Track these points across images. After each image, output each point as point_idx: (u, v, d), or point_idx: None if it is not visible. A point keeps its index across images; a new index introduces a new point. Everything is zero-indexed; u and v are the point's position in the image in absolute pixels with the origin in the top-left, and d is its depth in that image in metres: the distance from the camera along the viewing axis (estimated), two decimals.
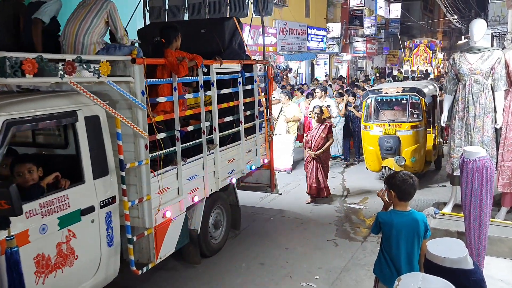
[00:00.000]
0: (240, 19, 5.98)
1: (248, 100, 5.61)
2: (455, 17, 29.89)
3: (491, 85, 5.20)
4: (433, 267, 2.03)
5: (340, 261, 5.19)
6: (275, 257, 5.33)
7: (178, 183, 4.39)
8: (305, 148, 7.53)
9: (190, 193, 4.59)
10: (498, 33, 19.67)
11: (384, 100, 8.41)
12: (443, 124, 5.88)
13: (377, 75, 24.47)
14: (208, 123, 4.81)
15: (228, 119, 5.24)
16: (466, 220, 4.21)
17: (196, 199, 4.69)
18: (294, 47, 20.02)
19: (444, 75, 18.80)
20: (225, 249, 5.52)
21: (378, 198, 3.43)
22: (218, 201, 5.33)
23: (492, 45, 17.12)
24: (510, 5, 11.56)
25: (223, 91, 5.13)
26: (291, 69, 20.34)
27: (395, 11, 32.21)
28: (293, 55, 20.10)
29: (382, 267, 3.25)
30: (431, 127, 8.41)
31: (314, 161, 7.14)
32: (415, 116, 8.09)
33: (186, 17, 6.77)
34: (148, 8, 6.80)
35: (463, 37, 30.69)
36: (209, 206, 5.06)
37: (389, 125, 7.84)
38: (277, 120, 8.95)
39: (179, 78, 4.28)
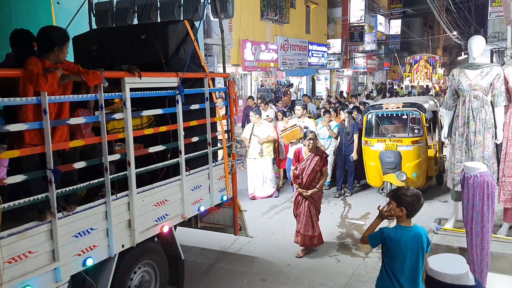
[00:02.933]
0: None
1: (194, 123, 4.46)
2: (455, 33, 30.16)
3: (491, 100, 5.23)
4: (434, 283, 2.03)
5: (342, 277, 5.16)
6: (276, 273, 5.30)
7: (54, 244, 3.12)
8: (291, 184, 5.98)
9: (79, 254, 3.32)
10: (497, 49, 19.82)
11: (385, 115, 8.45)
12: (443, 140, 5.90)
13: (378, 90, 24.58)
14: (117, 156, 3.64)
15: (155, 149, 4.05)
16: (468, 236, 4.19)
17: (90, 262, 3.39)
18: (295, 63, 20.20)
19: (443, 93, 18.91)
20: (226, 266, 5.49)
21: None
22: (145, 256, 4.12)
23: (492, 61, 17.24)
24: (509, 22, 11.69)
25: (149, 112, 4.03)
26: (292, 84, 20.50)
27: (395, 27, 32.50)
28: (294, 70, 20.26)
29: (385, 283, 3.23)
30: (432, 142, 8.44)
31: (306, 201, 5.75)
32: (416, 131, 8.13)
33: (135, 21, 5.86)
34: (94, 12, 5.87)
35: (463, 53, 30.93)
36: (127, 265, 3.87)
37: (390, 140, 7.87)
38: (249, 143, 8.24)
39: (52, 97, 3.07)
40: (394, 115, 8.50)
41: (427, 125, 8.16)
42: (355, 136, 8.40)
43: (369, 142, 8.08)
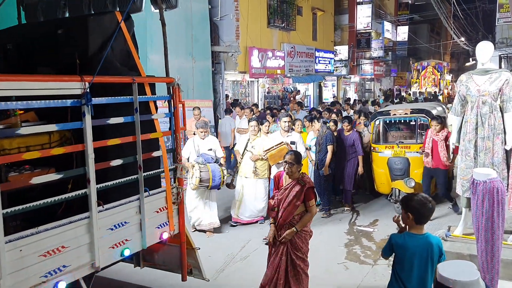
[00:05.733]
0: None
1: (115, 141, 3.46)
2: (463, 39, 30.05)
3: (500, 106, 5.20)
4: None
5: (351, 285, 5.12)
6: None
7: None
8: (268, 215, 4.62)
9: None
10: (506, 55, 19.73)
11: (393, 121, 8.42)
12: (452, 146, 5.87)
13: (386, 96, 24.52)
14: None
15: (41, 179, 3.00)
16: (478, 242, 4.15)
17: None
18: (301, 70, 20.21)
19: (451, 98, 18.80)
20: (233, 273, 5.47)
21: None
22: None
23: (500, 67, 17.17)
24: None
25: (29, 130, 2.99)
26: (299, 91, 20.52)
27: (402, 33, 32.47)
28: (301, 77, 20.26)
29: None
30: None
31: (282, 247, 4.23)
32: (424, 137, 8.08)
33: (67, 15, 5.04)
34: (24, 5, 5.15)
35: (471, 59, 30.83)
36: None
37: (398, 147, 7.83)
38: (241, 159, 7.18)
39: None
40: (402, 121, 8.46)
41: None
42: (329, 148, 7.45)
43: (377, 149, 8.05)
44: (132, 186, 3.59)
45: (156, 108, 3.96)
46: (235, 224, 7.17)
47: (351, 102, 18.58)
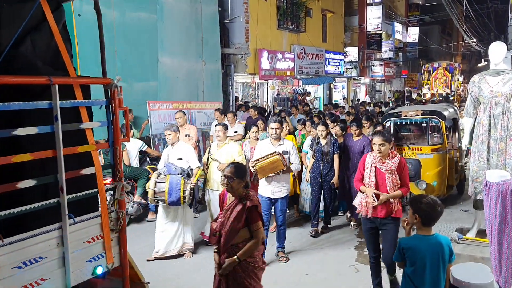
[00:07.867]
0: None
1: (25, 157, 2.59)
2: (474, 40, 29.79)
3: None
4: None
5: (362, 287, 5.08)
6: (294, 282, 5.26)
7: None
8: (209, 241, 3.85)
9: None
10: None
11: (404, 123, 8.37)
12: (464, 148, 5.81)
13: (394, 99, 24.37)
14: None
15: None
16: (491, 245, 4.10)
17: None
18: (311, 72, 20.19)
19: (464, 99, 18.62)
20: None
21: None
22: None
23: None
24: None
25: None
26: (309, 93, 20.50)
27: (413, 35, 32.32)
28: (311, 79, 20.25)
29: None
30: (452, 150, 8.31)
31: (222, 282, 3.55)
32: (435, 139, 8.02)
33: None
34: None
35: (482, 59, 30.54)
36: None
37: (409, 148, 7.77)
38: (207, 169, 6.34)
39: None
40: (413, 122, 8.41)
41: (447, 133, 8.06)
42: (335, 157, 6.71)
43: None
44: (56, 212, 2.81)
45: (91, 115, 3.18)
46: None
47: (361, 103, 18.42)
